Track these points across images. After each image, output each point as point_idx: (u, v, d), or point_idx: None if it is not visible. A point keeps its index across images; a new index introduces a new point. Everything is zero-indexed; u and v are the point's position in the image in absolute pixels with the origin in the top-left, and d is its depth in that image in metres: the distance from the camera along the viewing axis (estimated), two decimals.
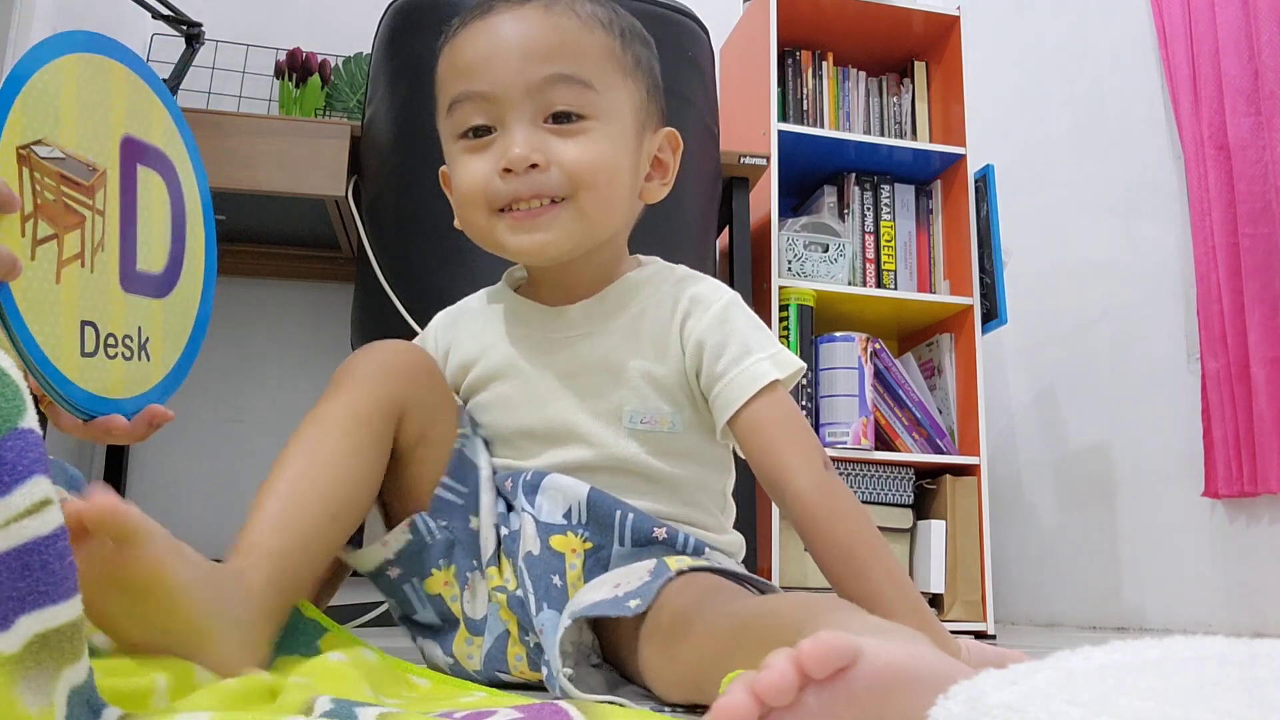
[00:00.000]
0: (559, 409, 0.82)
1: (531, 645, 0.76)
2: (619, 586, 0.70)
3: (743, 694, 0.39)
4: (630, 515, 0.78)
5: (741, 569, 0.80)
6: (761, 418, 0.78)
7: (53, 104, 0.69)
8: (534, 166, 0.77)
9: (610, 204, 0.81)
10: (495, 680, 0.78)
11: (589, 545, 0.77)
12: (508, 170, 0.77)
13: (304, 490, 0.68)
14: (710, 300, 0.84)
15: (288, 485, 0.68)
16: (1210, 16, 1.89)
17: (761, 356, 0.80)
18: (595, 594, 0.71)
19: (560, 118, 0.78)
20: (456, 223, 0.86)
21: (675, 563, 0.73)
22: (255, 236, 2.05)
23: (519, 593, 0.77)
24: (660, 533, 0.78)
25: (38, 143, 0.67)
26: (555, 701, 0.53)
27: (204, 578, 0.56)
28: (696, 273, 0.89)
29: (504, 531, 0.80)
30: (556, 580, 0.76)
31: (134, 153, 0.77)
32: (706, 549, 0.80)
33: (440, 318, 0.95)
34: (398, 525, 0.79)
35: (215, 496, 2.08)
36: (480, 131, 0.79)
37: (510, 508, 0.82)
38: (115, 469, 1.96)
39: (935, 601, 1.96)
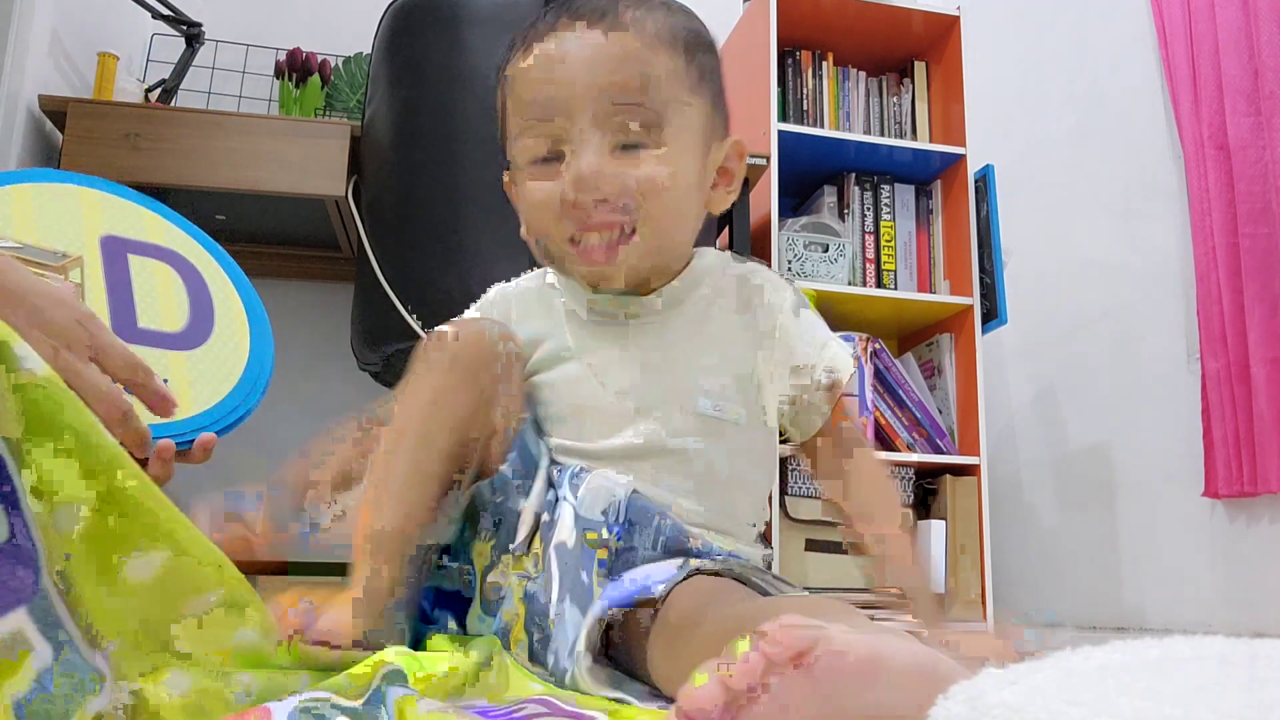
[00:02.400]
0: (630, 393, 0.82)
1: (535, 638, 0.75)
2: (649, 578, 0.71)
3: (711, 681, 0.40)
4: (668, 522, 0.78)
5: (766, 573, 0.80)
6: (842, 404, 0.87)
7: (3, 213, 0.71)
8: (603, 201, 0.78)
9: (676, 228, 0.82)
10: None
11: (619, 545, 0.77)
12: (576, 205, 0.78)
13: (416, 486, 0.74)
14: (781, 293, 0.87)
15: (400, 485, 0.74)
16: (1210, 16, 1.89)
17: (835, 344, 0.87)
18: (621, 590, 0.71)
19: (628, 147, 0.79)
20: (523, 233, 0.87)
21: (697, 561, 0.73)
22: (255, 236, 2.06)
23: (538, 581, 0.76)
24: (695, 543, 0.78)
25: None
26: (582, 710, 0.54)
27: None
28: (752, 261, 0.91)
29: (545, 519, 0.80)
30: (584, 577, 0.75)
31: (120, 246, 0.79)
32: (740, 560, 0.80)
33: (498, 293, 0.94)
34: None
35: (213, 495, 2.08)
36: (553, 158, 0.80)
37: (556, 498, 0.82)
38: None
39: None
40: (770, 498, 0.92)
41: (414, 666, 0.53)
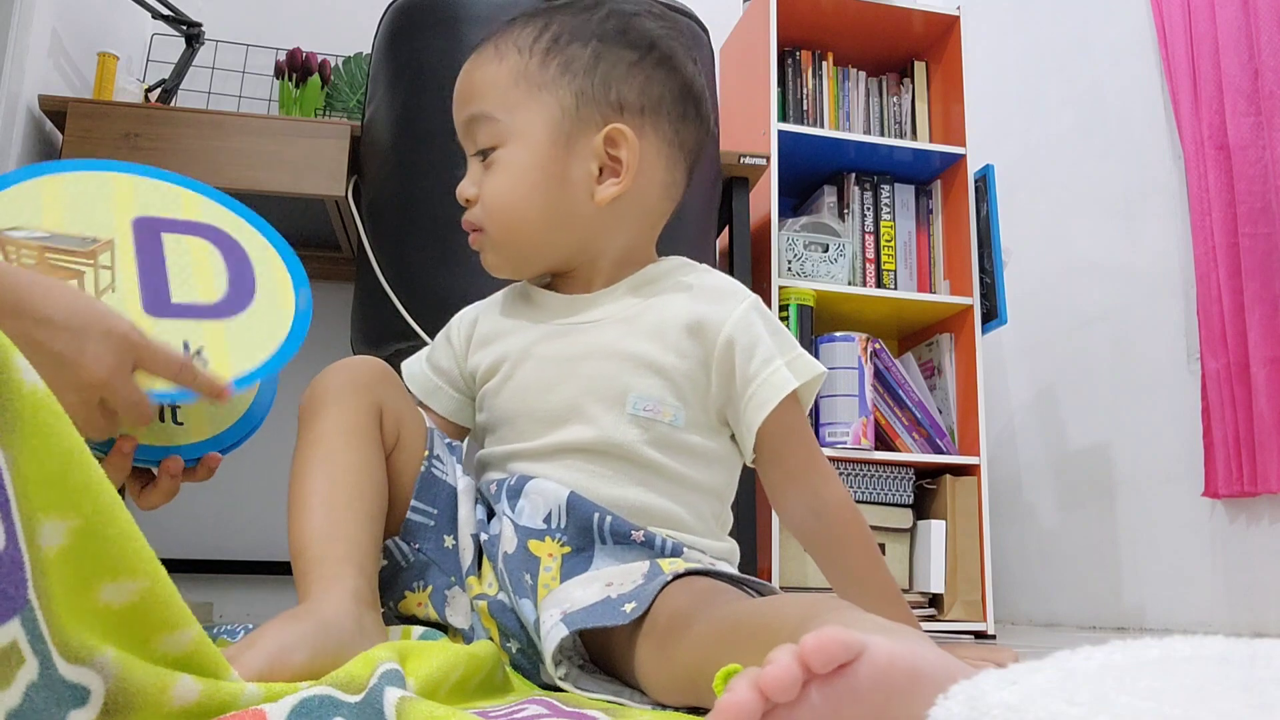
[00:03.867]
0: (565, 392, 0.83)
1: (514, 651, 0.76)
2: (611, 586, 0.70)
3: (747, 689, 0.38)
4: (608, 518, 0.78)
5: (735, 572, 0.79)
6: (789, 424, 0.83)
7: (32, 204, 0.73)
8: (468, 202, 0.86)
9: (516, 226, 0.84)
10: None
11: (567, 550, 0.77)
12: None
13: (340, 501, 0.72)
14: (736, 302, 0.84)
15: (323, 501, 0.72)
16: (1210, 16, 1.89)
17: (782, 362, 0.82)
18: (586, 592, 0.71)
19: (483, 153, 0.86)
20: None
21: (668, 565, 0.72)
22: None
23: (500, 596, 0.77)
24: (637, 535, 0.78)
25: (14, 229, 0.70)
26: (584, 710, 0.53)
27: (333, 652, 0.58)
28: (716, 270, 0.90)
29: (484, 538, 0.81)
30: (528, 578, 0.76)
31: (153, 226, 0.80)
32: (685, 549, 0.80)
33: (465, 311, 0.97)
34: None
35: (215, 496, 2.08)
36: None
37: (491, 514, 0.82)
38: None
39: (935, 601, 1.96)
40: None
41: (413, 666, 0.53)
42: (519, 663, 0.76)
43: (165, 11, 1.98)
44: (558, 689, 0.71)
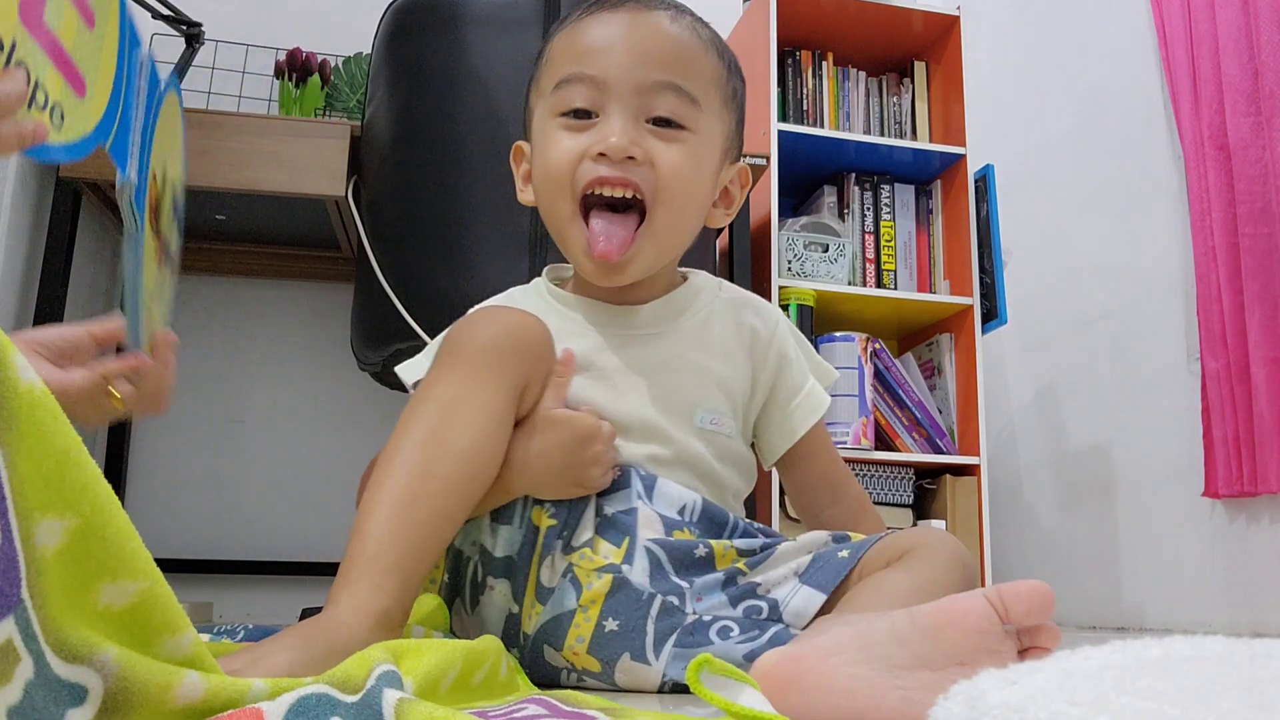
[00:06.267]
0: (634, 404, 0.83)
1: (608, 629, 0.73)
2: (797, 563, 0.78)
3: (989, 594, 0.50)
4: (740, 522, 0.82)
5: None
6: (822, 430, 0.92)
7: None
8: (630, 159, 0.79)
9: (683, 217, 0.84)
10: (538, 656, 0.76)
11: (696, 537, 0.81)
12: (603, 155, 0.79)
13: (422, 495, 0.67)
14: (776, 315, 0.92)
15: (404, 486, 0.66)
16: (1210, 16, 1.89)
17: (809, 374, 0.92)
18: (783, 570, 0.78)
19: (661, 122, 0.81)
20: (523, 197, 0.88)
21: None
22: (255, 236, 2.06)
23: (631, 573, 0.74)
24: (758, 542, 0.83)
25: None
26: (584, 710, 0.53)
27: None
28: (742, 289, 0.95)
29: (608, 511, 0.77)
30: (701, 550, 0.77)
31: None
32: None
33: (508, 298, 0.94)
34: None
35: (215, 496, 2.08)
36: (581, 114, 0.81)
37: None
38: (115, 468, 1.96)
39: None
40: (770, 497, 0.96)
41: (409, 664, 0.53)
42: (604, 643, 0.73)
43: (165, 11, 1.98)
44: (559, 686, 0.71)
